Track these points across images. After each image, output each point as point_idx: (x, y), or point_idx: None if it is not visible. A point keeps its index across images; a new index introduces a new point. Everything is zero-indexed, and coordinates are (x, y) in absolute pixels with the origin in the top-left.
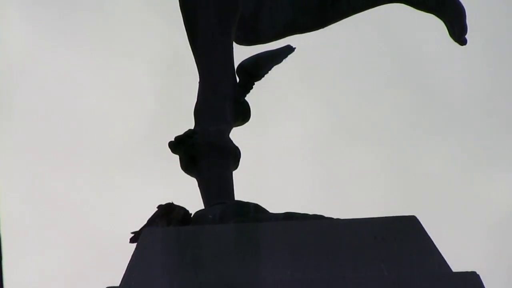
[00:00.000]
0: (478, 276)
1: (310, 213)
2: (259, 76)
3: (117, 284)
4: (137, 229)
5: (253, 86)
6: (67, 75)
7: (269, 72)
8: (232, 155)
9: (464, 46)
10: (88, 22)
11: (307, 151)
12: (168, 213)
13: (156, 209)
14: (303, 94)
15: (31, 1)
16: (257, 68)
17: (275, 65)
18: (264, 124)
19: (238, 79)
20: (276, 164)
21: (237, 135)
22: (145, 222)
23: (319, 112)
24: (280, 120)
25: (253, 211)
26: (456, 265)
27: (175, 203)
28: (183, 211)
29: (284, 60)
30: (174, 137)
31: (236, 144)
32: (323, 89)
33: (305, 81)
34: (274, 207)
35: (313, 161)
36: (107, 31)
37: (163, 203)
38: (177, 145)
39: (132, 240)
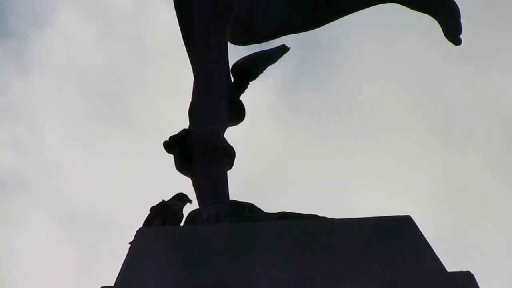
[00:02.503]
0: (472, 275)
1: (305, 213)
2: (253, 76)
3: (112, 284)
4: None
5: (248, 86)
6: None
7: (264, 71)
8: (227, 155)
9: (458, 46)
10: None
11: None
12: (163, 211)
13: (149, 212)
14: None
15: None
16: (252, 68)
17: (270, 64)
18: None
19: (232, 79)
20: None
21: None
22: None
23: None
24: None
25: (248, 211)
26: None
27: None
28: (175, 197)
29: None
30: (168, 137)
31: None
32: None
33: None
34: None
35: None
36: None
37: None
38: (171, 145)
39: None
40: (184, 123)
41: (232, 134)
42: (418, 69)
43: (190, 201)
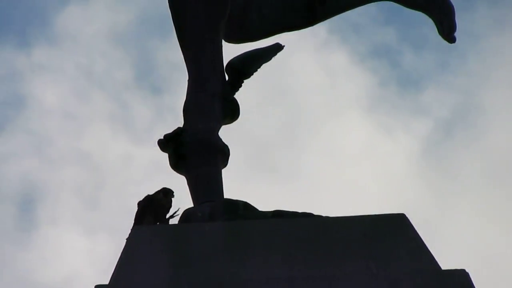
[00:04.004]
0: (467, 273)
1: (299, 211)
2: (248, 74)
3: (106, 282)
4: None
5: (242, 84)
6: None
7: (258, 70)
8: (221, 153)
9: (452, 44)
10: None
11: None
12: (150, 204)
13: (137, 207)
14: None
15: None
16: (246, 66)
17: (264, 63)
18: None
19: (227, 77)
20: None
21: None
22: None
23: None
24: None
25: (242, 209)
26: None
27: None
28: (159, 192)
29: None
30: (163, 135)
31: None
32: None
33: None
34: None
35: None
36: None
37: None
38: (166, 143)
39: None
40: (323, 171)
41: (381, 193)
42: None
43: (173, 196)
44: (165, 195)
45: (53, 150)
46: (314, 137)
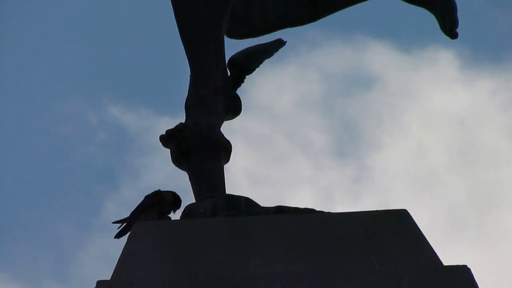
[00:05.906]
0: (469, 269)
1: (301, 207)
2: (250, 70)
3: (108, 278)
4: (121, 218)
5: (244, 80)
6: None
7: (260, 65)
8: (223, 149)
9: (455, 39)
10: None
11: None
12: (159, 201)
13: (144, 199)
14: None
15: None
16: (248, 61)
17: (266, 58)
18: None
19: (229, 73)
20: None
21: None
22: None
23: None
24: None
25: (244, 205)
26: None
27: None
28: (172, 194)
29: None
30: (165, 131)
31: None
32: None
33: None
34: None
35: None
36: None
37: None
38: (168, 139)
39: (117, 236)
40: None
41: None
42: None
43: (179, 206)
44: (174, 203)
45: None
46: (504, 199)
